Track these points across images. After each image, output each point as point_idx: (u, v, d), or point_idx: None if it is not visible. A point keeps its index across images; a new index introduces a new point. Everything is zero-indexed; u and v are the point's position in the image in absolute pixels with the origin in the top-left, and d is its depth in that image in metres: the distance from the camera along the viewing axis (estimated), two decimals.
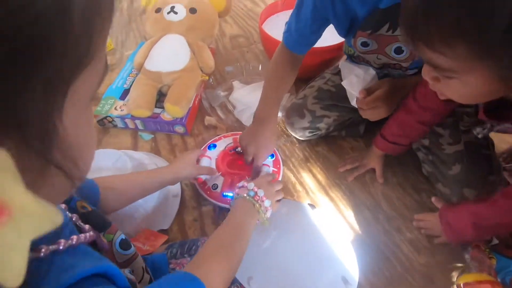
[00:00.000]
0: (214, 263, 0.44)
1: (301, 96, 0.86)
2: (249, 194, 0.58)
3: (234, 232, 0.52)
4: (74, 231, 0.33)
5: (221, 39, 1.28)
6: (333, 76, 0.87)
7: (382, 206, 0.77)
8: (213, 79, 1.06)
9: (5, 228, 0.14)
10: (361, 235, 0.72)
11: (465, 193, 0.68)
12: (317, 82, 0.88)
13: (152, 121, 0.91)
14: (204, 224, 0.75)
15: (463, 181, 0.68)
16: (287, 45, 0.74)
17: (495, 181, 0.67)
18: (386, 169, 0.84)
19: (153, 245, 0.65)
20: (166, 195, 0.75)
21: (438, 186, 0.73)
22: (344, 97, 0.82)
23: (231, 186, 0.74)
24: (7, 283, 0.14)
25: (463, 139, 0.71)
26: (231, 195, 0.73)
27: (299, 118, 0.83)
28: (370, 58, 0.74)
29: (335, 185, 0.81)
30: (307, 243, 0.68)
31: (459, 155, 0.70)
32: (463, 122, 0.73)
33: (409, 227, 0.73)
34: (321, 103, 0.83)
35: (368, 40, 0.69)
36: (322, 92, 0.84)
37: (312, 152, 0.89)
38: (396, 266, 0.67)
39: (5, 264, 0.14)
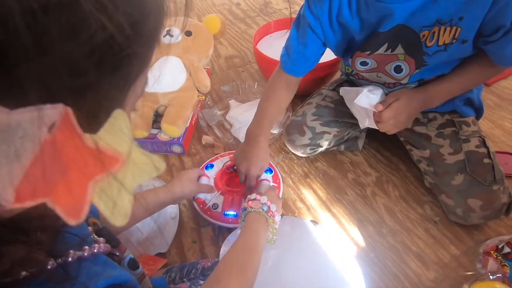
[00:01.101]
0: (233, 280, 0.44)
1: (299, 113, 0.86)
2: (263, 208, 0.57)
3: (251, 248, 0.51)
4: (93, 242, 0.33)
5: (217, 60, 1.31)
6: (330, 92, 0.87)
7: (386, 220, 0.75)
8: (210, 99, 1.07)
9: (119, 173, 0.17)
10: (366, 251, 0.70)
11: (470, 204, 0.67)
12: (314, 98, 0.88)
13: (149, 142, 0.90)
14: (204, 245, 0.72)
15: (467, 191, 0.67)
16: (284, 67, 0.76)
17: (499, 190, 0.66)
18: (387, 183, 0.83)
19: (152, 269, 0.62)
20: (163, 217, 0.73)
21: (442, 197, 0.72)
22: (343, 113, 0.83)
23: (231, 204, 0.73)
24: (116, 221, 0.16)
25: (464, 148, 0.71)
26: (233, 213, 0.72)
27: (299, 136, 0.82)
28: (370, 76, 0.73)
29: (336, 200, 0.80)
30: (311, 261, 0.65)
31: (461, 164, 0.69)
32: (462, 131, 0.73)
33: (414, 241, 0.71)
34: (320, 119, 0.83)
35: (367, 60, 0.69)
36: (320, 109, 0.84)
37: (311, 168, 0.88)
38: (404, 282, 0.65)
39: (116, 204, 0.17)
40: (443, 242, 0.71)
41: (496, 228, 0.72)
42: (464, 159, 0.69)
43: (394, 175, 0.84)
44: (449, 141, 0.72)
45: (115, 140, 0.17)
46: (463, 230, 0.72)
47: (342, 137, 0.85)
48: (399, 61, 0.66)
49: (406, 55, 0.65)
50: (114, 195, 0.16)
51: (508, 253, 0.61)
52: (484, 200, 0.66)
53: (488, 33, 0.57)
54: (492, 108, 1.02)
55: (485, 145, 0.71)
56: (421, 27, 0.60)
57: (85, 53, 0.16)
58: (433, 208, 0.76)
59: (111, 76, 0.18)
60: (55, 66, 0.15)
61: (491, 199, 0.66)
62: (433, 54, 0.62)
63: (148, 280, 0.45)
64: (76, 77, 0.16)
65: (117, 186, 0.17)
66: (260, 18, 1.56)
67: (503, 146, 0.91)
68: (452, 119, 0.75)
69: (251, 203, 0.58)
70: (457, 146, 0.71)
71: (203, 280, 0.57)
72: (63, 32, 0.15)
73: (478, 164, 0.68)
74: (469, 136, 0.72)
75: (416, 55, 0.64)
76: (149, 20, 0.19)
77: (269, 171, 0.80)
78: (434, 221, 0.74)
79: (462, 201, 0.67)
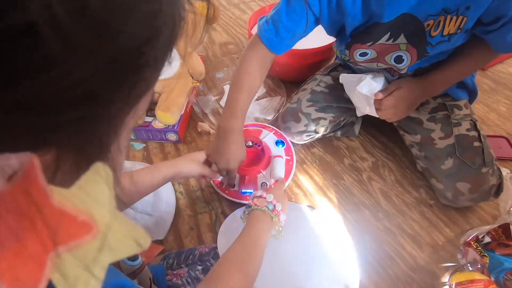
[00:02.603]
0: (233, 278, 0.42)
1: (294, 100, 0.85)
2: (268, 207, 0.54)
3: (254, 246, 0.49)
4: None
5: (211, 47, 1.28)
6: (324, 77, 0.86)
7: (382, 204, 0.76)
8: (205, 86, 1.05)
9: (90, 245, 0.13)
10: (363, 234, 0.70)
11: (459, 187, 0.67)
12: (309, 84, 0.87)
13: (144, 130, 0.89)
14: (201, 232, 0.72)
15: (456, 175, 0.68)
16: (268, 44, 0.68)
17: (488, 173, 0.66)
18: (383, 168, 0.83)
19: (149, 256, 0.62)
20: (159, 204, 0.73)
21: (432, 181, 0.73)
22: (338, 98, 0.82)
23: (248, 182, 0.76)
24: None
25: (455, 132, 0.71)
26: (250, 191, 0.74)
27: (295, 123, 0.82)
28: (369, 65, 0.72)
29: (332, 185, 0.80)
30: (307, 246, 0.66)
31: (450, 149, 0.70)
32: (454, 115, 0.73)
33: (410, 224, 0.72)
34: (315, 105, 0.82)
35: (367, 50, 0.67)
36: (315, 94, 0.83)
37: (307, 154, 0.87)
38: (399, 264, 0.66)
39: (81, 280, 0.13)
40: (438, 225, 0.72)
41: (490, 211, 0.73)
42: (454, 143, 0.70)
43: (390, 160, 0.85)
44: (440, 125, 0.72)
45: (91, 202, 0.14)
46: (457, 213, 0.73)
47: (338, 122, 0.85)
48: (400, 51, 0.65)
49: (408, 45, 0.63)
50: (79, 274, 0.13)
51: (488, 243, 0.62)
52: (472, 183, 0.66)
53: (487, 21, 0.56)
54: (487, 92, 1.02)
55: (476, 128, 0.71)
56: (427, 16, 0.58)
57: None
58: (428, 192, 0.77)
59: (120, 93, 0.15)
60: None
61: (479, 182, 0.66)
62: (436, 45, 0.61)
63: (148, 270, 0.44)
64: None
65: (84, 262, 0.13)
66: (254, 4, 1.53)
67: (497, 130, 0.91)
68: (444, 102, 0.75)
69: (256, 200, 0.56)
70: (448, 130, 0.71)
71: (201, 266, 0.57)
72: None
73: (468, 147, 0.69)
74: (461, 120, 0.72)
75: (419, 45, 0.62)
76: (162, 36, 0.16)
77: (281, 143, 0.82)
78: (429, 205, 0.75)
79: (451, 185, 0.68)
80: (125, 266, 0.41)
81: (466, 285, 0.54)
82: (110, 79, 0.14)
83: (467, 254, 0.61)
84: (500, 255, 0.57)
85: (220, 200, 0.77)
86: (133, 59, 0.15)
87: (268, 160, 0.79)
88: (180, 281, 0.54)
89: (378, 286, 0.63)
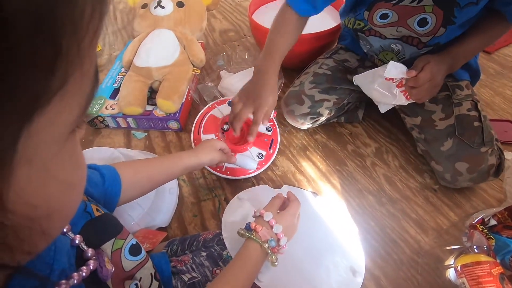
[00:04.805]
0: None
1: (297, 83, 0.84)
2: (270, 243, 0.46)
3: (247, 280, 0.45)
4: (70, 266, 0.30)
5: (211, 34, 1.26)
6: (326, 59, 0.85)
7: (385, 189, 0.75)
8: (205, 74, 1.04)
9: None
10: (367, 219, 0.70)
11: (457, 167, 0.67)
12: (311, 68, 0.86)
13: (145, 119, 0.88)
14: (205, 219, 0.72)
15: (455, 155, 0.67)
16: (297, 9, 0.69)
17: (487, 153, 0.66)
18: (387, 153, 0.82)
19: (153, 242, 0.63)
20: (162, 192, 0.73)
21: (432, 164, 0.73)
22: (341, 79, 0.81)
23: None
24: None
25: (455, 112, 0.70)
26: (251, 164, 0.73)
27: (298, 105, 0.80)
28: (387, 31, 0.69)
29: (336, 171, 0.80)
30: (312, 232, 0.66)
31: (450, 129, 0.69)
32: (455, 95, 0.72)
33: (414, 209, 0.71)
34: (318, 87, 0.81)
35: (389, 12, 0.65)
36: (318, 77, 0.82)
37: (310, 140, 0.87)
38: (404, 248, 0.66)
39: None
40: (442, 209, 0.71)
41: (495, 194, 0.73)
42: (454, 123, 0.69)
43: (394, 145, 0.84)
44: (441, 106, 0.72)
45: None
46: (462, 197, 0.73)
47: (342, 106, 0.83)
48: (425, 13, 0.62)
49: (434, 6, 0.61)
50: None
51: (494, 225, 0.61)
52: (471, 162, 0.66)
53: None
54: (493, 76, 1.00)
55: (477, 109, 0.70)
56: None
57: None
58: (433, 177, 0.76)
59: None
60: None
61: (478, 161, 0.66)
62: (464, 7, 0.59)
63: (150, 265, 0.43)
64: None
65: None
66: None
67: (503, 114, 0.90)
68: (446, 83, 0.73)
69: (259, 228, 0.47)
70: (449, 111, 0.71)
71: (205, 252, 0.57)
72: None
73: (468, 127, 0.68)
74: (462, 100, 0.71)
75: (446, 6, 0.60)
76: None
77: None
78: (433, 189, 0.74)
79: (450, 166, 0.68)
80: (127, 263, 0.39)
81: (472, 267, 0.53)
82: None
83: (473, 237, 0.60)
84: (506, 237, 0.57)
85: (223, 187, 0.77)
86: None
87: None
88: (185, 267, 0.54)
89: (383, 270, 0.63)
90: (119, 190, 0.48)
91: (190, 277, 0.52)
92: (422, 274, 0.62)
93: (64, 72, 0.13)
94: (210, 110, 0.85)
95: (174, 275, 0.52)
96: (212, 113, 0.84)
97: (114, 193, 0.47)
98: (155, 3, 0.97)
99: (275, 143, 0.81)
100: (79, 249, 0.33)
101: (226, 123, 0.79)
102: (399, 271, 0.63)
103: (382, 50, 0.75)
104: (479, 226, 0.61)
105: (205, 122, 0.83)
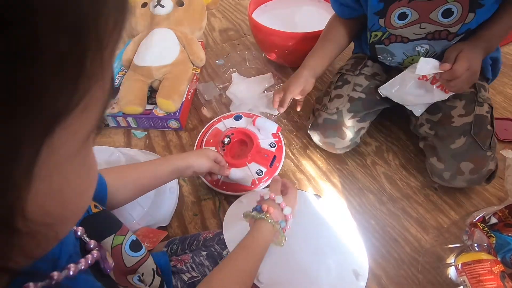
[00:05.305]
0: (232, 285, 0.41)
1: (332, 109, 0.75)
2: (281, 224, 0.51)
3: (257, 258, 0.47)
4: (76, 255, 0.31)
5: (211, 33, 1.26)
6: (356, 78, 0.79)
7: (386, 188, 0.75)
8: (206, 73, 1.04)
9: None
10: (367, 218, 0.70)
11: (462, 167, 0.66)
12: (343, 89, 0.78)
13: (145, 118, 0.88)
14: (205, 218, 0.72)
15: (462, 155, 0.66)
16: (335, 9, 0.77)
17: (490, 157, 0.65)
18: (387, 152, 0.82)
19: (153, 242, 0.63)
20: (162, 191, 0.73)
21: (432, 160, 0.70)
22: (374, 102, 0.78)
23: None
24: None
25: (476, 111, 0.69)
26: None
27: (340, 139, 0.75)
28: (409, 31, 0.66)
29: (336, 170, 0.79)
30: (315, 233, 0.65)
31: (467, 127, 0.67)
32: (480, 94, 0.71)
33: (414, 208, 0.71)
34: (357, 115, 0.76)
35: (407, 10, 0.62)
36: (354, 102, 0.76)
37: (311, 140, 0.86)
38: (404, 247, 0.65)
39: None
40: (443, 208, 0.71)
41: (495, 192, 0.73)
42: (471, 122, 0.67)
43: (394, 144, 0.84)
44: (464, 102, 0.70)
45: None
46: (462, 196, 0.73)
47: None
48: (448, 4, 0.60)
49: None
50: None
51: (495, 223, 0.61)
52: (476, 163, 0.65)
53: None
54: None
55: (491, 113, 0.70)
56: None
57: None
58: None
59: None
60: None
61: (482, 163, 0.65)
62: None
63: (152, 260, 0.44)
64: None
65: None
66: None
67: (504, 112, 0.90)
68: None
69: (271, 210, 0.51)
70: (470, 108, 0.69)
71: (205, 251, 0.57)
72: None
73: (483, 128, 0.67)
74: (484, 101, 0.70)
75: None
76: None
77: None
78: (434, 188, 0.74)
79: (455, 164, 0.66)
80: (128, 259, 0.40)
81: (473, 265, 0.53)
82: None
83: (474, 235, 0.60)
84: (506, 235, 0.57)
85: None
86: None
87: (256, 151, 0.76)
88: (185, 267, 0.54)
89: (383, 269, 0.63)
90: (105, 195, 0.48)
91: (190, 277, 0.52)
92: (423, 272, 0.62)
93: (87, 84, 0.13)
94: (215, 124, 0.84)
95: (174, 274, 0.52)
96: (216, 127, 0.84)
97: (100, 198, 0.47)
98: (155, 2, 0.96)
99: (278, 160, 0.76)
100: (81, 241, 0.34)
101: (227, 137, 0.78)
102: (400, 269, 0.63)
103: (406, 57, 0.72)
104: (480, 224, 0.60)
105: (209, 134, 0.82)
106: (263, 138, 0.79)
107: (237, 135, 0.79)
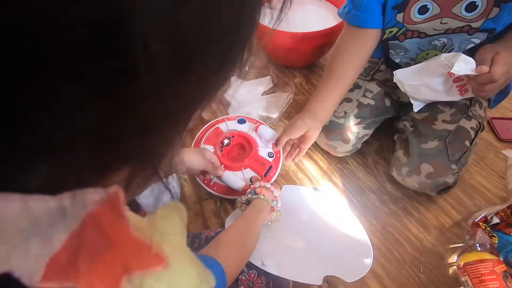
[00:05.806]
0: (232, 250, 0.48)
1: (340, 114, 0.75)
2: (273, 202, 0.61)
3: (255, 228, 0.55)
4: None
5: None
6: (368, 83, 0.79)
7: (387, 187, 0.75)
8: None
9: (158, 278, 0.14)
10: (368, 218, 0.70)
11: (422, 167, 0.65)
12: (353, 93, 0.78)
13: None
14: (206, 218, 0.72)
15: (428, 156, 0.65)
16: (352, 21, 0.66)
17: (452, 171, 0.64)
18: (389, 152, 0.82)
19: None
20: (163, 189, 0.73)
21: (399, 153, 0.70)
22: (382, 109, 0.77)
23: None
24: None
25: (460, 123, 0.68)
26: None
27: (343, 143, 0.75)
28: (428, 27, 0.62)
29: (337, 170, 0.79)
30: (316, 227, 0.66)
31: (444, 133, 0.67)
32: (472, 108, 0.70)
33: (416, 207, 0.71)
34: (363, 122, 0.76)
35: (428, 3, 0.59)
36: (362, 109, 0.76)
37: None
38: (406, 247, 0.65)
39: None
40: (445, 208, 0.71)
41: (497, 192, 0.73)
42: (452, 131, 0.67)
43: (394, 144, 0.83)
44: (453, 111, 0.70)
45: (162, 238, 0.15)
46: (464, 196, 0.72)
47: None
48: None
49: None
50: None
51: (497, 223, 0.61)
52: (436, 170, 0.64)
53: None
54: None
55: (477, 133, 0.68)
56: None
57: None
58: None
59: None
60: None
61: (442, 172, 0.64)
62: None
63: None
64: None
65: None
66: None
67: (505, 112, 0.90)
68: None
69: (265, 191, 0.62)
70: (457, 118, 0.69)
71: None
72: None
73: (459, 140, 0.66)
74: (474, 117, 0.69)
75: None
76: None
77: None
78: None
79: (417, 162, 0.65)
80: None
81: (475, 265, 0.53)
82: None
83: (476, 235, 0.60)
84: (509, 235, 0.57)
85: None
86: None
87: (253, 157, 0.75)
88: None
89: (385, 269, 0.63)
90: None
91: None
92: (425, 272, 0.62)
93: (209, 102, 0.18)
94: (218, 123, 0.84)
95: None
96: (219, 126, 0.83)
97: None
98: None
99: (274, 171, 0.74)
100: None
101: (228, 138, 0.78)
102: (402, 269, 0.63)
103: (420, 52, 0.69)
104: (482, 224, 0.60)
105: (210, 133, 0.81)
106: (262, 146, 0.78)
107: (237, 138, 0.79)
